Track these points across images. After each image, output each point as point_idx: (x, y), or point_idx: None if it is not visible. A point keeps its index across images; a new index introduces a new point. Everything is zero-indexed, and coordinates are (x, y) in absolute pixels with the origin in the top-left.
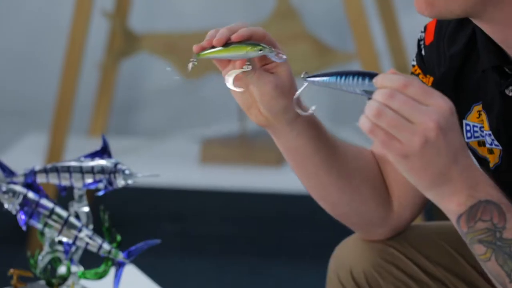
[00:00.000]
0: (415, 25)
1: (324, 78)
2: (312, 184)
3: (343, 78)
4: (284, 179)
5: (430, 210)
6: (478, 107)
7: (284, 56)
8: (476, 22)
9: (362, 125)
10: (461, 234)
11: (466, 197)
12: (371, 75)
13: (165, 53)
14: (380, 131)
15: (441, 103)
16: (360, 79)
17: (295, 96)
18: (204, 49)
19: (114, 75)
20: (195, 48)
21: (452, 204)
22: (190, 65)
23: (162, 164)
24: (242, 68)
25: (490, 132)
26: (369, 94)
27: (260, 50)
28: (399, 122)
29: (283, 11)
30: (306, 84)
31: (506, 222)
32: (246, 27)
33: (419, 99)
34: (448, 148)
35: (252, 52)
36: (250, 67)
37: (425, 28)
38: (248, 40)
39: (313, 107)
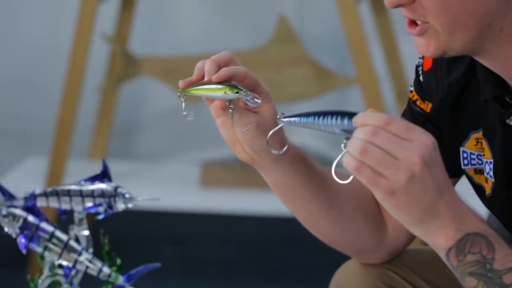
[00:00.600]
0: (414, 49)
1: (302, 118)
2: (302, 217)
3: (321, 118)
4: None
5: None
6: (477, 134)
7: (259, 101)
8: (475, 57)
9: (347, 163)
10: (452, 268)
11: (454, 231)
12: (350, 114)
13: (165, 76)
14: (366, 169)
15: (424, 138)
16: (339, 118)
17: (267, 137)
18: (191, 83)
19: (114, 98)
20: (181, 83)
21: (440, 239)
22: (182, 99)
23: (162, 188)
24: (222, 107)
25: (492, 160)
26: (347, 133)
27: (237, 92)
28: (384, 158)
29: (283, 35)
30: (281, 124)
31: (495, 253)
32: (230, 64)
33: (402, 135)
34: (433, 182)
35: (230, 93)
36: (232, 106)
37: None
38: (227, 82)
39: (284, 148)
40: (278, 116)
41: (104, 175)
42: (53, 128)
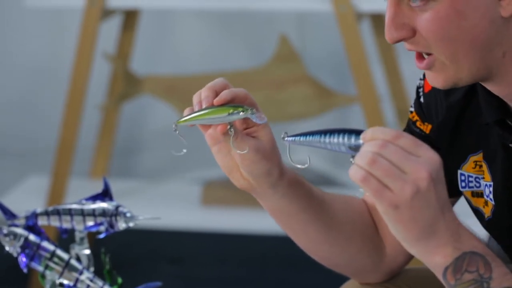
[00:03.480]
0: (416, 69)
1: (307, 137)
2: (301, 241)
3: (327, 136)
4: None
5: None
6: (475, 157)
7: (265, 118)
8: (483, 84)
9: (354, 174)
10: None
11: (452, 250)
12: (357, 132)
13: (167, 95)
14: (373, 180)
15: (431, 155)
16: (346, 136)
17: (288, 154)
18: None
19: (116, 117)
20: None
21: (437, 257)
22: (177, 132)
23: (163, 206)
24: (223, 131)
25: (492, 183)
26: (354, 151)
27: (242, 111)
28: (392, 170)
29: (284, 54)
30: (288, 143)
31: (492, 272)
32: (227, 89)
33: (410, 150)
34: (437, 199)
35: (234, 114)
36: (232, 130)
37: (424, 75)
38: (229, 103)
39: (308, 163)
40: (282, 136)
41: (105, 194)
42: (55, 147)
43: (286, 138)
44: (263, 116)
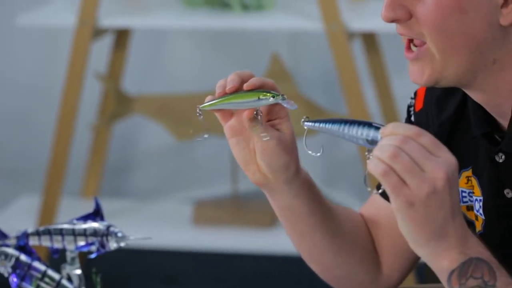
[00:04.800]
0: (407, 88)
1: (326, 124)
2: (306, 246)
3: (347, 125)
4: (277, 240)
5: (423, 273)
6: (467, 172)
7: (296, 105)
8: (466, 91)
9: (374, 167)
10: None
11: (458, 254)
12: (376, 126)
13: (158, 115)
14: (394, 174)
15: (450, 157)
16: (365, 128)
17: (304, 136)
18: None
19: (107, 136)
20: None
21: (444, 260)
22: (201, 117)
23: (155, 226)
24: (250, 116)
25: (481, 198)
26: (370, 144)
27: (273, 97)
28: (412, 167)
29: (276, 73)
30: (307, 128)
31: (496, 280)
32: (257, 77)
33: (430, 149)
34: (450, 201)
35: (264, 100)
36: (260, 116)
37: (415, 94)
38: (258, 89)
39: (321, 151)
40: (302, 120)
41: (96, 214)
42: (46, 166)
43: (306, 123)
44: (292, 103)
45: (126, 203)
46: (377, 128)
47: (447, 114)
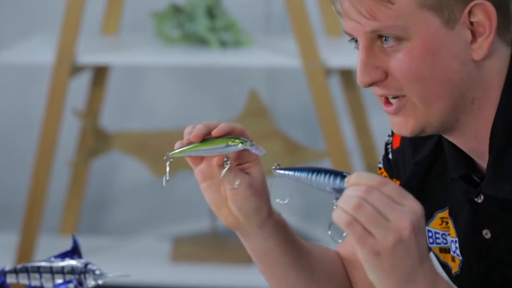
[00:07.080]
0: (385, 124)
1: (296, 172)
2: (281, 286)
3: (314, 174)
4: (255, 278)
5: None
6: (442, 213)
7: (264, 151)
8: (448, 136)
9: (338, 218)
10: None
11: None
12: (342, 175)
13: (137, 152)
14: (358, 225)
15: (414, 205)
16: (331, 177)
17: (269, 187)
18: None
19: (85, 173)
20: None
21: None
22: (167, 163)
23: (133, 263)
24: (219, 163)
25: (457, 239)
26: (337, 193)
27: (241, 143)
28: (376, 217)
29: (254, 110)
30: (277, 177)
31: None
32: (226, 123)
33: (394, 198)
34: (417, 249)
35: (232, 146)
36: (229, 163)
37: (393, 132)
38: (227, 135)
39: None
40: (273, 167)
41: (74, 252)
42: (24, 203)
43: (277, 170)
44: (261, 149)
45: (105, 240)
46: (344, 177)
47: (423, 154)
